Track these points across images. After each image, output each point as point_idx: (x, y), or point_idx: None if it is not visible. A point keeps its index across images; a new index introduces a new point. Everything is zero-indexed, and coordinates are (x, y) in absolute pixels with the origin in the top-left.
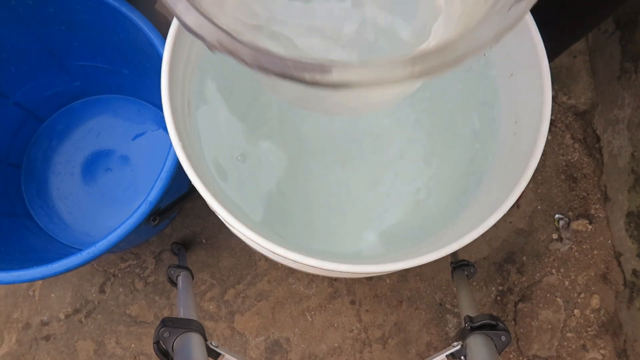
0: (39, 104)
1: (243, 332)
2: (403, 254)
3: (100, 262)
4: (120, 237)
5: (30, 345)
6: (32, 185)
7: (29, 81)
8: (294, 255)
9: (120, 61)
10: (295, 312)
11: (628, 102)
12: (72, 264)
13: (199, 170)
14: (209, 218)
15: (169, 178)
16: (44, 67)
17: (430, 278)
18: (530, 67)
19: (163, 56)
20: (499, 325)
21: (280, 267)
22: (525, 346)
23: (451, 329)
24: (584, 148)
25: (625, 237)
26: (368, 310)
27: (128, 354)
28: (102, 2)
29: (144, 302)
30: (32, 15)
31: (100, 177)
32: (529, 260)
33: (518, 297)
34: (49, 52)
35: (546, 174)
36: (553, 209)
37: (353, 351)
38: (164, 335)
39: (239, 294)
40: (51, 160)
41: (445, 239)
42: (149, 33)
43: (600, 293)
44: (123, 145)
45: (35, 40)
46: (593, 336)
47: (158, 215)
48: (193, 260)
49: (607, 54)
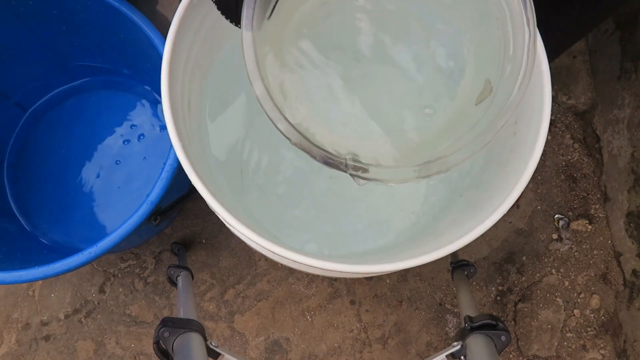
0: (39, 104)
1: (243, 332)
2: (403, 254)
3: (100, 262)
4: (121, 237)
5: (30, 345)
6: (30, 184)
7: (29, 81)
8: (294, 255)
9: (121, 61)
10: (295, 312)
11: (628, 102)
12: (72, 264)
13: (199, 170)
14: (209, 218)
15: (170, 178)
16: (44, 68)
17: (430, 278)
18: None
19: (163, 56)
20: (499, 325)
21: (280, 267)
22: (525, 346)
23: (451, 329)
24: (583, 148)
25: (625, 237)
26: (368, 310)
27: (128, 354)
28: (103, 2)
29: (144, 302)
30: (32, 16)
31: (100, 177)
32: (529, 260)
33: (518, 297)
34: (49, 52)
35: (546, 174)
36: (553, 209)
37: (353, 351)
38: (164, 335)
39: (239, 294)
40: (50, 160)
41: (445, 239)
42: (149, 33)
43: (600, 293)
44: (123, 144)
45: (36, 41)
46: (593, 336)
47: (159, 215)
48: (193, 260)
49: (607, 54)
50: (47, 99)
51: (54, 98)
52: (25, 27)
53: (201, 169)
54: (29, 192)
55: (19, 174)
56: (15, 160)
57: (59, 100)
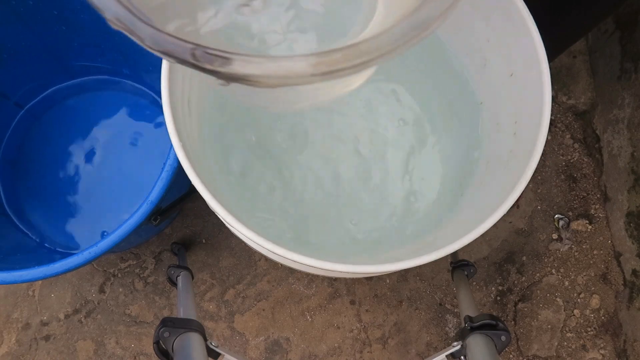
0: (38, 104)
1: (243, 332)
2: (403, 254)
3: (100, 262)
4: (122, 237)
5: (30, 345)
6: (28, 184)
7: (29, 81)
8: (294, 255)
9: (121, 61)
10: (295, 312)
11: (628, 102)
12: (72, 264)
13: (199, 170)
14: (209, 218)
15: (170, 178)
16: (44, 68)
17: (430, 278)
18: (530, 67)
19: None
20: (499, 325)
21: (280, 267)
22: (525, 346)
23: (451, 329)
24: (583, 148)
25: (625, 237)
26: (368, 310)
27: (128, 354)
28: None
29: (144, 302)
30: (32, 16)
31: (100, 177)
32: (529, 260)
33: (518, 297)
34: (49, 52)
35: (546, 174)
36: (553, 209)
37: (353, 351)
38: (164, 335)
39: (238, 294)
40: (49, 159)
41: (445, 239)
42: None
43: (600, 293)
44: (123, 144)
45: (35, 41)
46: (593, 336)
47: (159, 215)
48: (193, 260)
49: (607, 54)
50: (47, 99)
51: (54, 98)
52: (25, 27)
53: (201, 169)
54: (28, 192)
55: (18, 173)
56: (15, 159)
57: (58, 100)
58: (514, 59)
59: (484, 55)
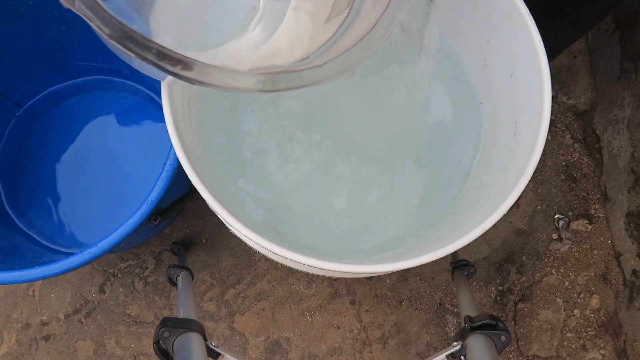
0: (38, 104)
1: (243, 332)
2: (403, 253)
3: (100, 262)
4: (121, 237)
5: (30, 345)
6: (28, 184)
7: (29, 81)
8: (294, 255)
9: (121, 61)
10: (295, 312)
11: (628, 102)
12: (72, 264)
13: (199, 170)
14: (209, 218)
15: (170, 178)
16: (44, 68)
17: (430, 278)
18: (530, 67)
19: None
20: (499, 325)
21: (280, 267)
22: (525, 346)
23: (451, 329)
24: (583, 148)
25: (625, 237)
26: (368, 310)
27: (128, 354)
28: None
29: (144, 302)
30: (32, 16)
31: (100, 177)
32: (529, 260)
33: (518, 297)
34: (49, 52)
35: (546, 174)
36: (553, 209)
37: (353, 351)
38: (164, 335)
39: (238, 294)
40: (48, 159)
41: (445, 239)
42: None
43: (600, 293)
44: (123, 144)
45: (36, 41)
46: (593, 336)
47: (159, 215)
48: (193, 260)
49: (607, 54)
50: (47, 99)
51: (54, 98)
52: (25, 27)
53: (201, 169)
54: (28, 192)
55: (18, 173)
56: (14, 159)
57: (58, 100)
58: (514, 59)
59: (484, 55)
